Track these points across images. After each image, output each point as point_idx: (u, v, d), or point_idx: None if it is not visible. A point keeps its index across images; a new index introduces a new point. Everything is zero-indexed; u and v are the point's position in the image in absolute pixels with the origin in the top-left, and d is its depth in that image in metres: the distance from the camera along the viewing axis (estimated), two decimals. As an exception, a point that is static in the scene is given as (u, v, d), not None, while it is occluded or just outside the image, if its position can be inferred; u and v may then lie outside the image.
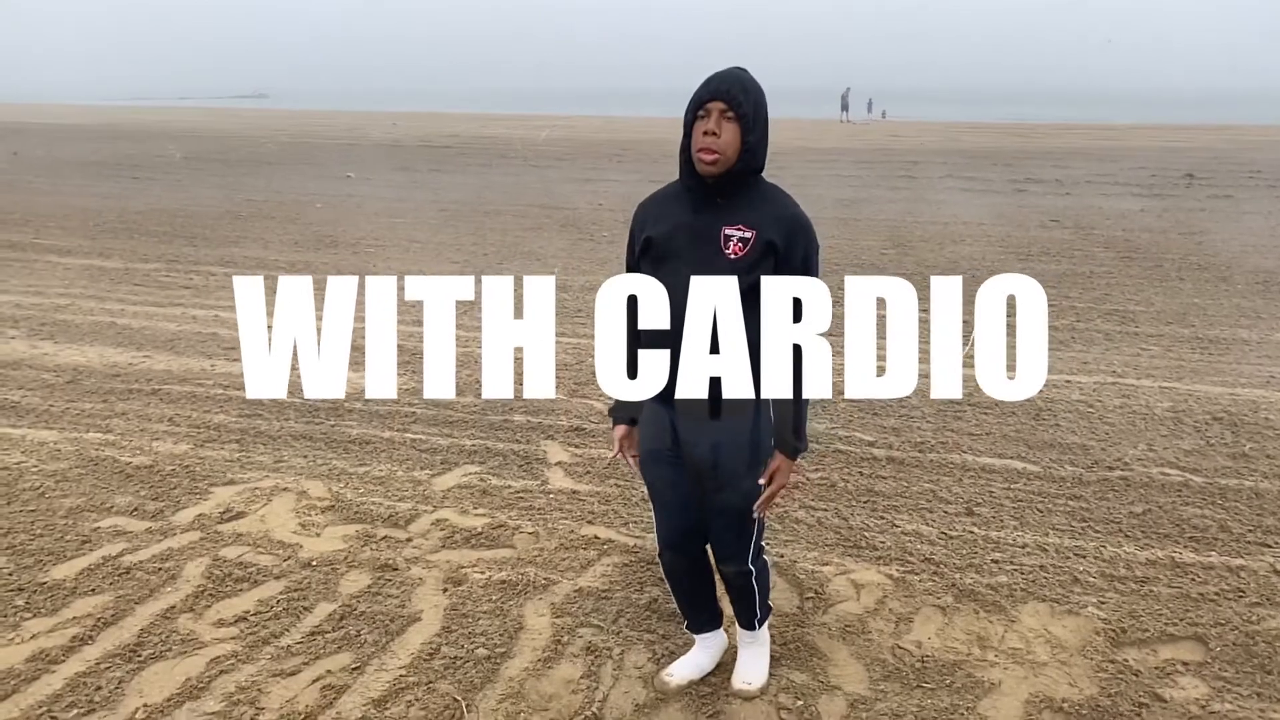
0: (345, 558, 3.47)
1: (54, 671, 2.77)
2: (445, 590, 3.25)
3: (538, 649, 2.92)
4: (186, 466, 4.25)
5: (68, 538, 3.59)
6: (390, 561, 3.43)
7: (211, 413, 4.96)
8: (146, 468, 4.23)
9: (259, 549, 3.52)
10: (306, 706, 2.64)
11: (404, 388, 5.35)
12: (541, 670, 2.81)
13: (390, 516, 3.79)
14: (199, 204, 13.30)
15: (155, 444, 4.52)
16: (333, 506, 3.88)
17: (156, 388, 5.36)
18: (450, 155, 21.91)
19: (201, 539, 3.59)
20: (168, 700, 2.66)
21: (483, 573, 3.36)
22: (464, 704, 2.65)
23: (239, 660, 2.85)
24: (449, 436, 4.65)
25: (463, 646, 2.92)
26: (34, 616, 3.05)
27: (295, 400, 5.14)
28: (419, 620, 3.07)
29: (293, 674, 2.79)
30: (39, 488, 4.02)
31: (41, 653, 2.85)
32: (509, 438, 4.64)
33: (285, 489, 4.03)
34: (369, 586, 3.27)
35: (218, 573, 3.34)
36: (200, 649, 2.89)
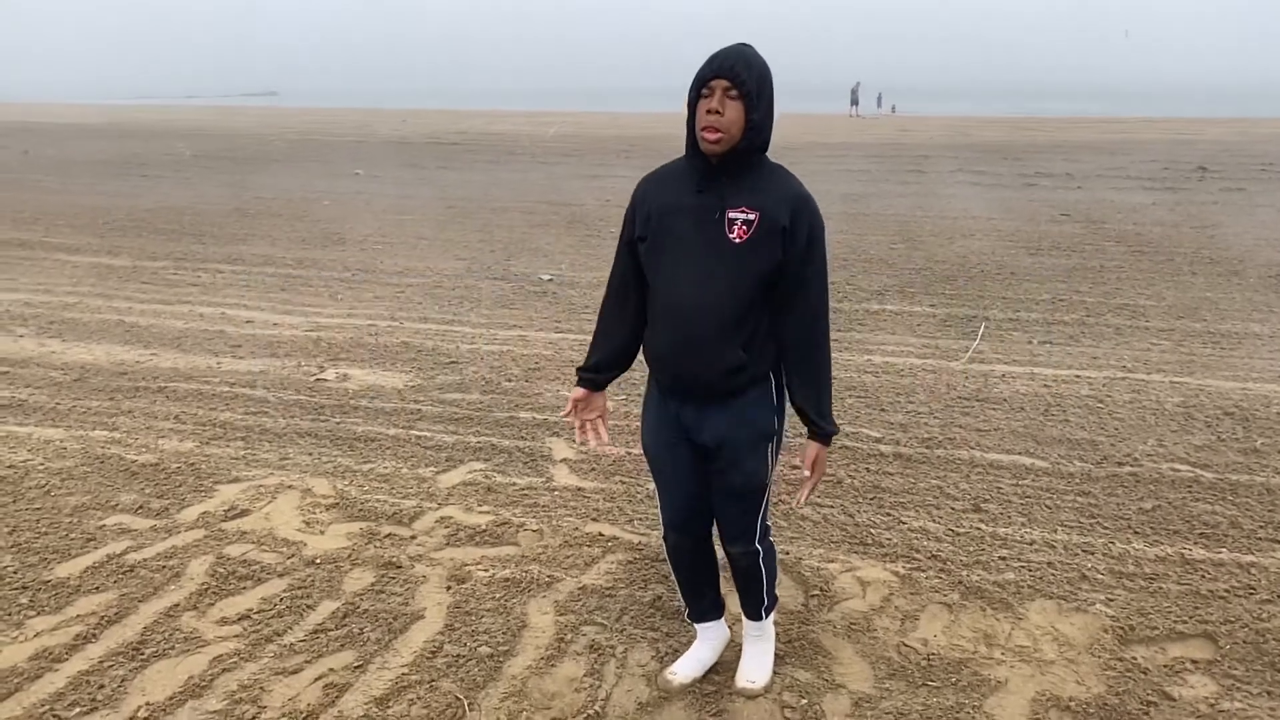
0: (349, 555, 3.46)
1: (57, 670, 2.77)
2: (449, 588, 3.23)
3: (541, 647, 2.90)
4: (192, 464, 4.25)
5: (72, 536, 3.59)
6: (394, 559, 3.42)
7: (217, 410, 4.96)
8: (152, 465, 4.24)
9: (263, 547, 3.51)
10: (308, 705, 2.63)
11: (409, 384, 5.35)
12: (544, 668, 2.80)
13: (394, 514, 3.78)
14: (207, 202, 13.32)
15: (161, 442, 4.52)
16: (337, 504, 3.87)
17: (163, 385, 5.36)
18: (458, 152, 21.90)
19: (206, 537, 3.58)
20: (170, 699, 2.65)
21: (486, 570, 3.35)
22: (466, 702, 2.64)
23: (242, 658, 2.84)
24: (454, 434, 4.64)
25: (465, 644, 2.91)
26: (38, 615, 3.05)
27: (301, 397, 5.15)
28: (422, 618, 3.06)
29: (295, 672, 2.78)
30: (44, 486, 4.02)
31: (45, 651, 2.85)
32: (514, 434, 4.62)
33: (290, 486, 4.03)
34: (372, 584, 3.26)
35: (221, 571, 3.33)
36: (203, 647, 2.89)
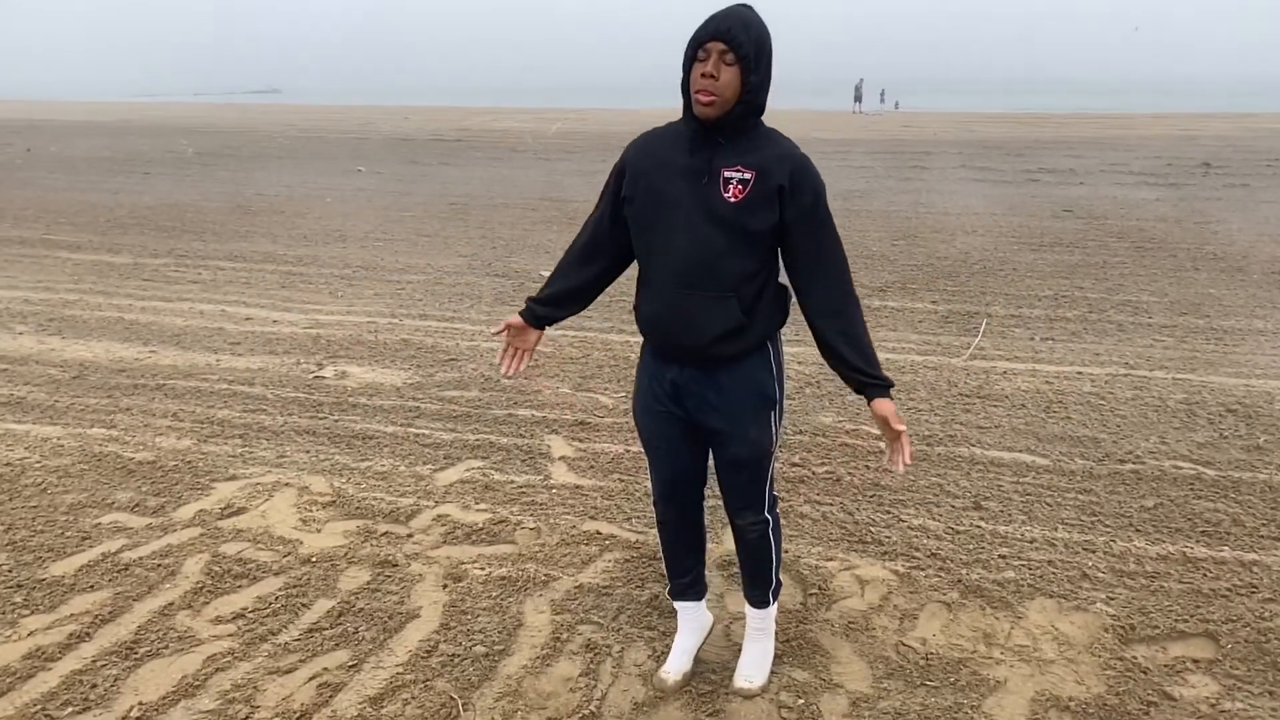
0: (345, 554, 3.44)
1: (50, 669, 2.75)
2: (445, 587, 3.22)
3: (536, 646, 2.88)
4: (189, 462, 4.24)
5: (68, 534, 3.58)
6: (390, 558, 3.41)
7: (215, 408, 4.94)
8: (149, 463, 4.22)
9: (259, 545, 3.50)
10: (302, 705, 2.61)
11: (408, 382, 5.34)
12: (540, 668, 2.78)
13: (391, 512, 3.76)
14: (209, 199, 13.31)
15: (158, 439, 4.51)
16: (334, 502, 3.86)
17: (161, 383, 5.35)
18: (460, 149, 21.87)
19: (202, 535, 3.57)
20: (163, 698, 2.64)
21: (483, 569, 3.33)
22: (460, 702, 2.62)
23: (236, 658, 2.82)
24: (453, 431, 4.62)
25: (461, 644, 2.89)
26: (32, 614, 3.04)
27: (299, 395, 5.13)
28: (418, 617, 3.04)
29: (289, 672, 2.76)
30: (41, 484, 4.01)
31: (38, 650, 2.84)
32: (513, 432, 4.60)
33: (287, 484, 4.02)
34: (368, 583, 3.25)
35: (217, 569, 3.32)
36: (197, 646, 2.87)
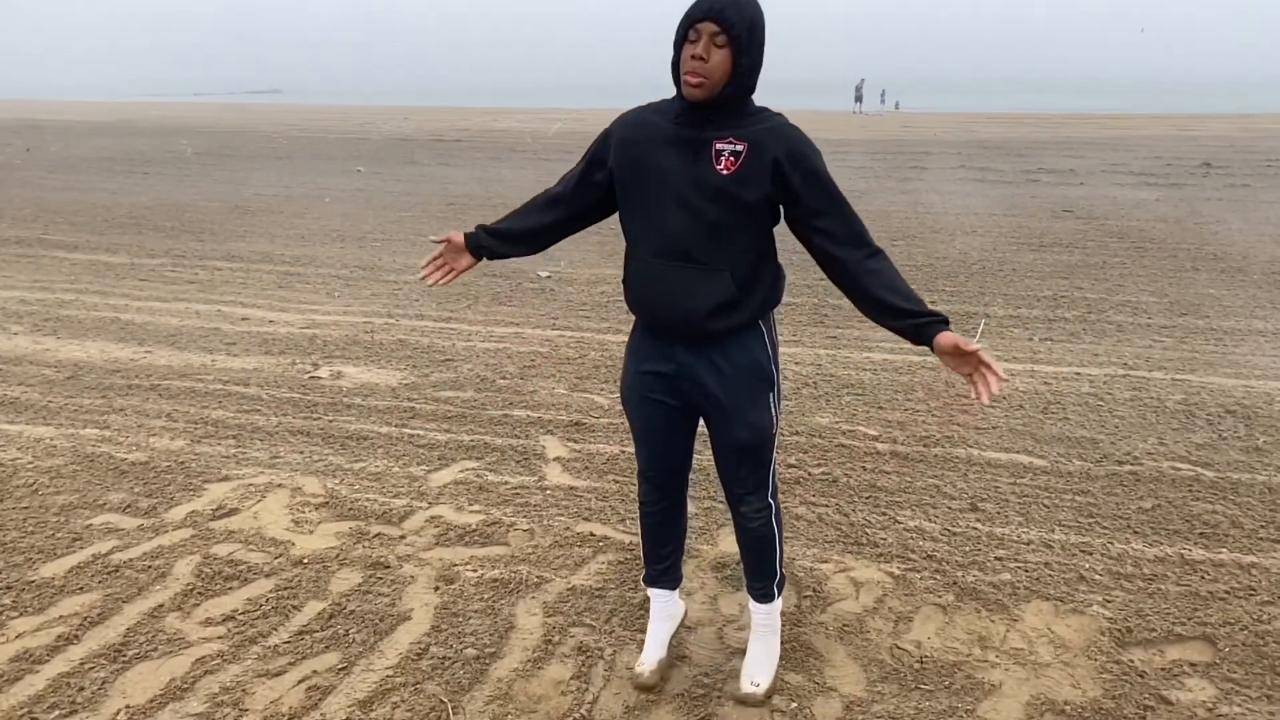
0: (337, 555, 3.42)
1: (37, 671, 2.73)
2: (437, 589, 3.19)
3: (528, 649, 2.86)
4: (182, 463, 4.22)
5: (59, 535, 3.55)
6: (382, 559, 3.38)
7: (210, 408, 4.92)
8: (141, 464, 4.20)
9: (250, 546, 3.48)
10: (291, 708, 2.59)
11: (403, 382, 5.31)
12: (531, 671, 2.76)
13: (384, 513, 3.74)
14: (208, 199, 13.29)
15: (152, 440, 4.49)
16: (327, 503, 3.83)
17: (156, 383, 5.33)
18: (460, 149, 21.84)
19: (193, 536, 3.55)
20: (150, 701, 2.61)
21: (475, 571, 3.30)
22: (450, 706, 2.59)
23: (225, 660, 2.80)
24: (448, 432, 4.60)
25: (452, 646, 2.87)
26: (20, 615, 3.01)
27: (294, 395, 5.11)
28: (409, 619, 3.02)
29: (278, 674, 2.74)
30: (33, 484, 3.99)
31: (26, 652, 2.81)
32: (508, 433, 4.58)
33: (280, 485, 3.99)
34: (360, 585, 3.22)
35: (207, 571, 3.30)
36: (186, 649, 2.85)
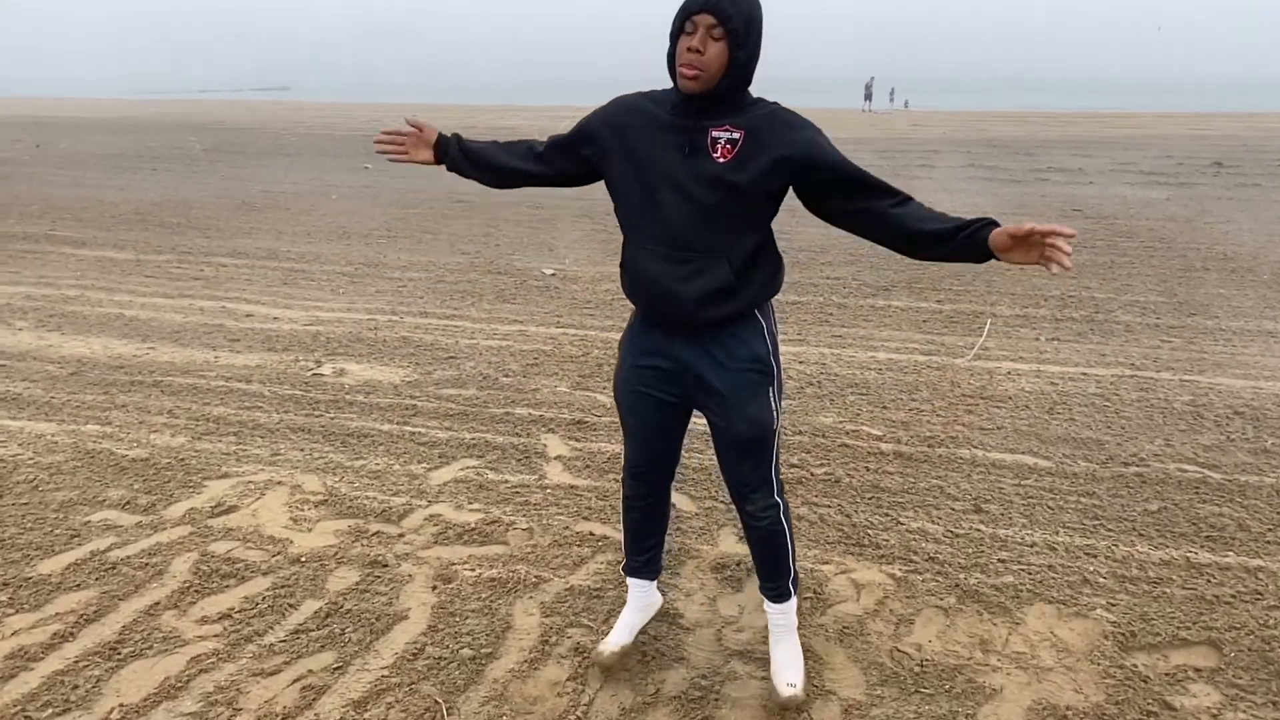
0: (335, 554, 3.40)
1: (32, 669, 2.72)
2: (434, 588, 3.17)
3: (524, 649, 2.84)
4: (182, 460, 4.21)
5: (57, 532, 3.54)
6: (380, 558, 3.37)
7: (211, 405, 4.91)
8: (142, 461, 4.19)
9: (248, 544, 3.46)
10: (284, 708, 2.57)
11: (406, 380, 5.30)
12: (527, 672, 2.73)
13: (383, 511, 3.72)
14: (215, 196, 13.31)
15: (153, 436, 4.48)
16: (326, 501, 3.82)
17: (159, 380, 5.32)
18: (468, 146, 21.81)
19: (191, 534, 3.53)
20: (145, 700, 2.60)
21: (473, 570, 3.28)
22: (444, 706, 2.57)
23: (220, 659, 2.78)
24: (449, 430, 4.58)
25: (448, 646, 2.85)
26: (16, 613, 3.00)
27: (296, 392, 5.10)
28: (405, 619, 3.00)
29: (273, 673, 2.72)
30: (32, 480, 3.98)
31: (20, 650, 2.80)
32: (509, 431, 4.56)
33: (279, 483, 3.98)
34: (357, 583, 3.20)
35: (205, 568, 3.28)
36: (181, 647, 2.84)
